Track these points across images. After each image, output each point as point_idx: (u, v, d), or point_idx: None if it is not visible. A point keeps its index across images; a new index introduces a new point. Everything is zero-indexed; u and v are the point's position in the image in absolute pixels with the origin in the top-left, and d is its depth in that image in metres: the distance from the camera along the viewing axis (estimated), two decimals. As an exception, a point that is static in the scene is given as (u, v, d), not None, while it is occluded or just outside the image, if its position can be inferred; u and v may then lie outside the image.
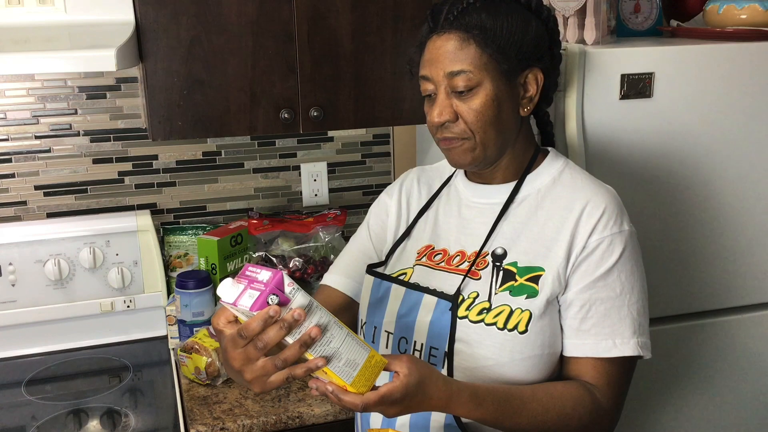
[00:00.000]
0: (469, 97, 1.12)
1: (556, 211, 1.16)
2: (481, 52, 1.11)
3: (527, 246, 1.16)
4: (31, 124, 1.88)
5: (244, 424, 1.50)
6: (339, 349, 0.96)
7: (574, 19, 1.56)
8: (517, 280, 1.14)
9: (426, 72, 1.15)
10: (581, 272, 1.13)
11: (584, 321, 1.13)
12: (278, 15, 1.59)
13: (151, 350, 1.89)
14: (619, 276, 1.13)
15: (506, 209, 1.20)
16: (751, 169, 1.62)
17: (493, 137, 1.15)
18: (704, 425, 1.77)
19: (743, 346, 1.74)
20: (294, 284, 0.94)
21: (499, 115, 1.14)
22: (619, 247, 1.13)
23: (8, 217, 1.90)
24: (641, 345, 1.13)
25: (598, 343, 1.12)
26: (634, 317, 1.13)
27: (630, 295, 1.14)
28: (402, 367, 0.99)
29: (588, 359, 1.13)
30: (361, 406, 0.96)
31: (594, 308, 1.12)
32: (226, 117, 1.62)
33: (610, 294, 1.13)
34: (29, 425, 1.55)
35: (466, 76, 1.11)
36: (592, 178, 1.21)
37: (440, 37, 1.14)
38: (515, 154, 1.21)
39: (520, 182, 1.21)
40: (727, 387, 1.76)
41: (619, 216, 1.15)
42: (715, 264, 1.65)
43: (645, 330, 1.15)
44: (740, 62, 1.55)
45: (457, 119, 1.13)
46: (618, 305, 1.13)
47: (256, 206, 2.09)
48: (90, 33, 1.53)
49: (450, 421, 1.13)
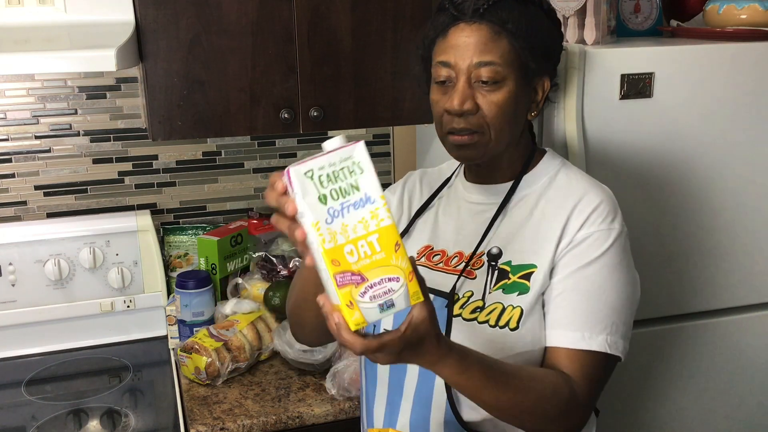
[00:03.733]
0: (492, 90, 1.12)
1: (550, 210, 1.17)
2: (510, 48, 1.12)
3: (521, 245, 1.16)
4: (31, 124, 1.88)
5: (244, 424, 1.50)
6: None
7: (574, 19, 1.56)
8: (510, 279, 1.14)
9: (447, 58, 1.14)
10: (564, 263, 1.12)
11: (558, 310, 1.12)
12: (278, 15, 1.59)
13: (151, 350, 1.89)
14: (600, 270, 1.11)
15: (503, 209, 1.20)
16: (751, 169, 1.62)
17: (506, 134, 1.15)
18: (704, 425, 1.77)
19: (745, 346, 1.74)
20: None
21: (515, 114, 1.15)
22: (605, 242, 1.12)
23: (8, 217, 1.90)
24: (610, 343, 1.10)
25: (568, 333, 1.10)
26: (608, 314, 1.10)
27: (609, 293, 1.11)
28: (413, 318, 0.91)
29: (561, 349, 1.10)
30: (360, 350, 0.88)
31: (569, 298, 1.11)
32: (226, 117, 1.62)
33: (587, 286, 1.11)
34: (29, 425, 1.55)
35: (494, 68, 1.11)
36: (588, 178, 1.21)
37: (469, 26, 1.12)
38: (515, 154, 1.21)
39: (516, 182, 1.21)
40: (726, 387, 1.76)
41: (610, 214, 1.14)
42: (714, 264, 1.65)
43: (619, 330, 1.12)
44: (740, 62, 1.55)
45: (477, 111, 1.13)
46: (593, 299, 1.11)
47: (256, 206, 2.09)
48: (90, 33, 1.53)
49: (450, 418, 1.13)
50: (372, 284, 0.85)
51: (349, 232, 0.85)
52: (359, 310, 0.85)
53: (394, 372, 1.22)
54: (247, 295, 1.85)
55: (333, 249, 0.84)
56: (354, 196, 0.85)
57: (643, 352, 1.66)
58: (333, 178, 0.84)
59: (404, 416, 1.20)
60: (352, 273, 0.84)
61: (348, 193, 0.85)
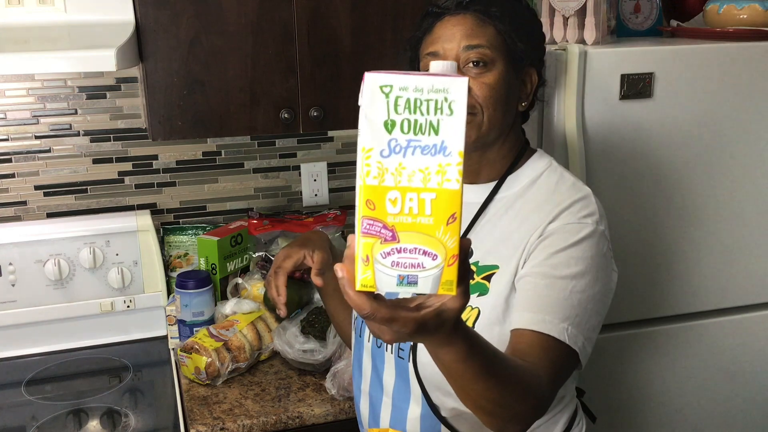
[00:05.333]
0: (482, 73, 1.14)
1: (524, 212, 1.16)
2: (496, 33, 1.15)
3: (490, 245, 1.16)
4: (31, 124, 1.88)
5: (244, 424, 1.50)
6: None
7: (574, 19, 1.56)
8: (474, 279, 1.14)
9: (436, 48, 1.16)
10: (534, 254, 1.11)
11: (522, 293, 1.10)
12: (278, 15, 1.59)
13: (151, 350, 1.89)
14: (568, 260, 1.09)
15: (484, 209, 1.20)
16: (751, 169, 1.62)
17: (499, 118, 1.16)
18: (703, 425, 1.77)
19: (745, 346, 1.74)
20: None
21: (506, 98, 1.16)
22: (578, 234, 1.10)
23: (8, 217, 1.90)
24: (569, 335, 1.05)
25: (530, 315, 1.06)
26: (573, 305, 1.07)
27: (576, 283, 1.08)
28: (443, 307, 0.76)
29: (525, 331, 1.05)
30: (367, 313, 0.73)
31: (535, 282, 1.09)
32: (226, 117, 1.62)
33: (552, 272, 1.08)
34: (29, 425, 1.55)
35: (482, 50, 1.13)
36: (571, 181, 1.19)
37: (455, 17, 1.16)
38: (503, 149, 1.21)
39: (501, 182, 1.21)
40: (726, 387, 1.76)
41: (584, 210, 1.13)
42: (715, 263, 1.65)
43: (581, 325, 1.07)
44: (740, 62, 1.55)
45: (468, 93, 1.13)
46: (559, 286, 1.07)
47: (256, 206, 2.09)
48: (90, 33, 1.53)
49: (426, 412, 1.14)
50: (401, 248, 0.69)
51: (403, 177, 0.69)
52: (373, 270, 0.70)
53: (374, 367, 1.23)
54: (247, 295, 1.85)
55: (375, 188, 0.69)
56: (428, 139, 0.68)
57: (642, 352, 1.66)
58: (413, 107, 0.68)
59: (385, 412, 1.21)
60: (385, 225, 0.69)
61: (423, 131, 0.68)
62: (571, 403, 1.25)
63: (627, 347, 1.65)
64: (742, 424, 1.80)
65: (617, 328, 1.62)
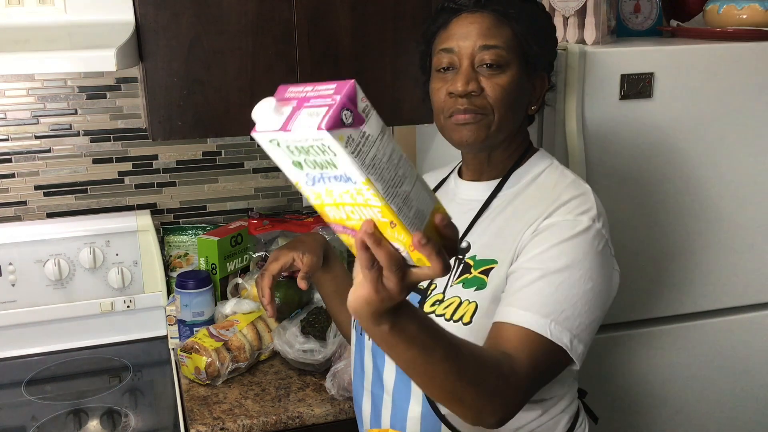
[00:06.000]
0: (496, 74, 1.14)
1: (523, 207, 1.16)
2: (513, 35, 1.14)
3: (488, 240, 1.16)
4: (31, 124, 1.88)
5: (244, 424, 1.50)
6: (410, 194, 0.73)
7: (574, 19, 1.56)
8: (472, 273, 1.14)
9: (450, 44, 1.15)
10: (526, 250, 1.10)
11: (511, 284, 1.09)
12: (278, 15, 1.59)
13: (151, 350, 1.89)
14: (561, 255, 1.07)
15: (487, 206, 1.20)
16: (750, 169, 1.62)
17: (509, 120, 1.16)
18: (703, 425, 1.77)
19: (745, 346, 1.74)
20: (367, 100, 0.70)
21: (518, 100, 1.16)
22: (572, 230, 1.08)
23: (8, 217, 1.90)
24: (552, 330, 1.03)
25: (512, 309, 1.05)
26: (559, 301, 1.04)
27: (565, 278, 1.06)
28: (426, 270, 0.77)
29: (505, 324, 1.04)
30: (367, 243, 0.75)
31: (522, 276, 1.08)
32: (226, 117, 1.62)
33: (543, 267, 1.07)
34: (29, 425, 1.55)
35: (498, 51, 1.13)
36: (571, 178, 1.19)
37: (472, 15, 1.15)
38: (508, 150, 1.22)
39: (504, 179, 1.22)
40: (726, 387, 1.76)
41: (581, 207, 1.12)
42: (715, 263, 1.65)
43: (568, 322, 1.04)
44: (740, 62, 1.55)
45: (481, 92, 1.14)
46: (547, 281, 1.05)
47: (256, 206, 2.09)
48: (90, 33, 1.53)
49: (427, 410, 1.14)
50: None
51: (335, 196, 0.73)
52: None
53: (375, 365, 1.24)
54: (247, 295, 1.85)
55: (320, 206, 0.74)
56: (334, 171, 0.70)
57: (643, 352, 1.67)
58: (306, 150, 0.70)
59: (386, 410, 1.21)
60: (345, 227, 0.75)
61: (325, 167, 0.70)
62: (573, 404, 1.25)
63: (627, 347, 1.65)
64: (744, 423, 1.80)
65: (617, 328, 1.62)
